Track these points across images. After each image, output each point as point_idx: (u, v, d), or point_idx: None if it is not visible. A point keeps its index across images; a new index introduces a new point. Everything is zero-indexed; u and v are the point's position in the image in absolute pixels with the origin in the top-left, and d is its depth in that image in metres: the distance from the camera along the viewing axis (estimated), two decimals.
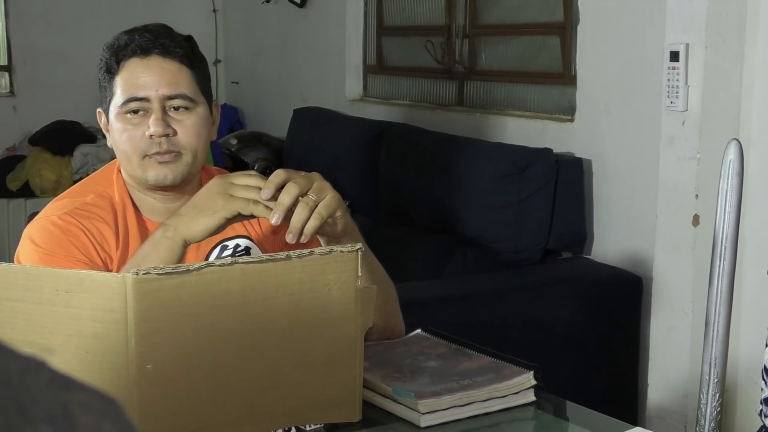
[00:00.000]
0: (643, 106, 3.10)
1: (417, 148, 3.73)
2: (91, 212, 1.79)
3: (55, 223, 1.76)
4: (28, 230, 1.79)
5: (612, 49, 3.25)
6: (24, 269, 1.48)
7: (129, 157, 1.79)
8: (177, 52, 1.79)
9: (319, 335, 1.52)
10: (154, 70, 1.77)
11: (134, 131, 1.77)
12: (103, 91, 1.82)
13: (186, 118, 1.79)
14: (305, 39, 4.96)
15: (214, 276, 1.41)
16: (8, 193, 4.80)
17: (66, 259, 1.72)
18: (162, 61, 1.77)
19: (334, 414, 1.56)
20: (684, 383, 2.93)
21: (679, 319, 2.95)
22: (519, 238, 3.29)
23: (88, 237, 1.76)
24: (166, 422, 1.42)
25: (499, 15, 3.88)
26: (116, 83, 1.78)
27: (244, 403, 1.48)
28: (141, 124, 1.77)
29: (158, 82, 1.76)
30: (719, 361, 1.60)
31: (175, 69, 1.78)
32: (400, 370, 1.70)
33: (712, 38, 2.82)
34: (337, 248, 1.52)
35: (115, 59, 1.78)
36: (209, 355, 1.44)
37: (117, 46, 1.79)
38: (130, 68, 1.77)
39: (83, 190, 1.87)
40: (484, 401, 1.62)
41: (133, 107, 1.77)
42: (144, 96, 1.76)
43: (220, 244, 1.86)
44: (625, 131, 3.21)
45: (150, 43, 1.77)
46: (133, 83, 1.77)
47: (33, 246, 1.75)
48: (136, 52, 1.77)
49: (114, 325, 1.36)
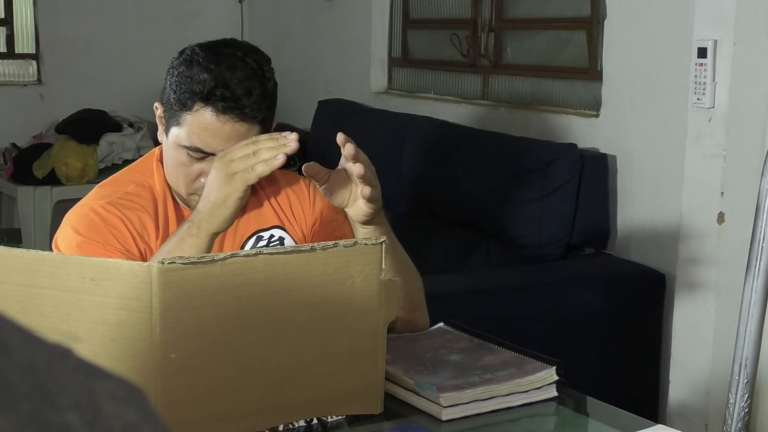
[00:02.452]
0: (670, 103, 3.09)
1: (441, 141, 3.72)
2: (133, 202, 1.81)
3: (97, 211, 1.77)
4: (68, 217, 1.80)
5: (639, 44, 3.24)
6: (51, 257, 1.49)
7: (178, 184, 1.81)
8: (253, 114, 1.74)
9: (342, 327, 1.53)
10: (224, 133, 1.73)
11: (189, 168, 1.77)
12: (170, 105, 1.77)
13: None
14: (330, 31, 4.96)
15: (238, 266, 1.41)
16: (34, 181, 4.83)
17: (103, 247, 1.73)
18: (234, 125, 1.72)
19: (355, 406, 1.57)
20: (706, 381, 2.92)
21: (702, 316, 2.94)
22: (542, 233, 3.28)
23: (128, 227, 1.77)
24: (189, 411, 1.42)
25: (526, 9, 3.87)
26: (185, 120, 1.74)
27: (266, 393, 1.49)
28: (197, 164, 1.76)
29: (225, 143, 1.72)
30: (750, 361, 1.59)
31: (244, 131, 1.73)
32: (423, 363, 1.70)
33: (741, 35, 2.81)
34: (361, 241, 1.53)
35: (191, 98, 1.72)
36: (232, 345, 1.44)
37: (197, 88, 1.72)
38: (203, 119, 1.73)
39: (125, 179, 1.87)
40: (505, 396, 1.62)
41: (196, 155, 1.76)
42: (209, 150, 1.74)
43: (256, 235, 1.87)
44: (650, 127, 3.20)
45: (230, 105, 1.71)
46: (201, 136, 1.74)
47: (73, 233, 1.76)
48: (213, 107, 1.72)
49: (139, 313, 1.37)
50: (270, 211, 1.91)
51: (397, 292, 1.62)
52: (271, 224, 1.89)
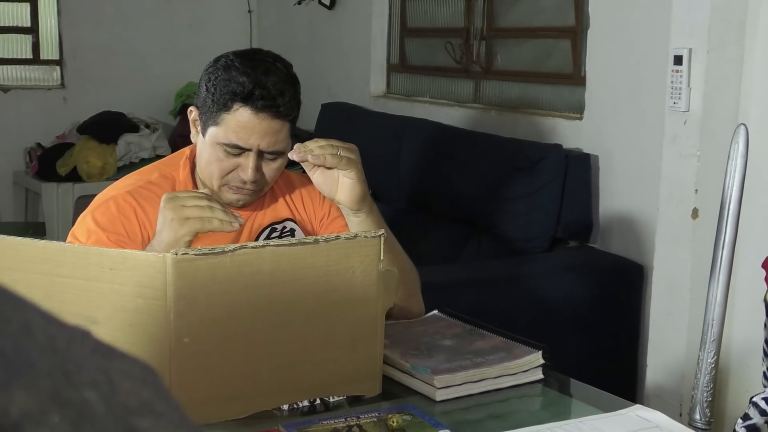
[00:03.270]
0: (648, 106, 3.09)
1: (436, 142, 3.72)
2: (151, 191, 1.85)
3: (117, 201, 1.82)
4: (94, 202, 1.86)
5: (620, 52, 3.23)
6: (73, 248, 1.49)
7: (212, 177, 1.84)
8: (286, 113, 1.80)
9: (343, 314, 1.53)
10: (261, 128, 1.78)
11: (225, 163, 1.81)
12: (207, 108, 1.82)
13: (274, 163, 1.84)
14: (333, 39, 4.96)
15: (247, 257, 1.41)
16: (58, 178, 4.83)
17: (114, 235, 1.78)
18: (270, 122, 1.79)
19: (356, 387, 1.57)
20: (681, 365, 2.92)
21: (678, 305, 2.94)
22: (530, 227, 3.28)
23: (138, 216, 1.81)
24: (201, 392, 1.42)
25: (515, 19, 3.87)
26: (223, 119, 1.79)
27: (273, 375, 1.49)
28: (233, 159, 1.81)
29: (261, 139, 1.79)
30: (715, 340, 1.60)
31: (278, 127, 1.80)
32: (418, 347, 1.70)
33: (714, 43, 2.80)
34: (361, 233, 1.53)
35: (231, 99, 1.78)
36: (242, 331, 1.44)
37: (236, 90, 1.78)
38: (242, 117, 1.78)
39: (151, 170, 1.93)
40: (495, 378, 1.63)
41: (233, 151, 1.80)
42: (246, 146, 1.79)
43: (270, 226, 1.92)
44: (630, 129, 3.20)
45: (267, 104, 1.77)
46: (239, 133, 1.79)
47: (90, 218, 1.81)
48: (252, 105, 1.77)
49: (154, 301, 1.37)
50: (284, 205, 1.96)
51: (394, 282, 1.62)
52: (284, 217, 1.95)
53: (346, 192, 1.80)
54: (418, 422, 1.47)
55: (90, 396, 0.32)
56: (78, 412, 0.31)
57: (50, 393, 0.31)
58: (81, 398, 0.32)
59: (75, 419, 0.31)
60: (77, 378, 0.33)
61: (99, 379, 0.33)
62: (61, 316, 0.38)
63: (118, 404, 0.33)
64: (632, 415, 1.53)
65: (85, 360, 0.34)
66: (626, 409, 1.55)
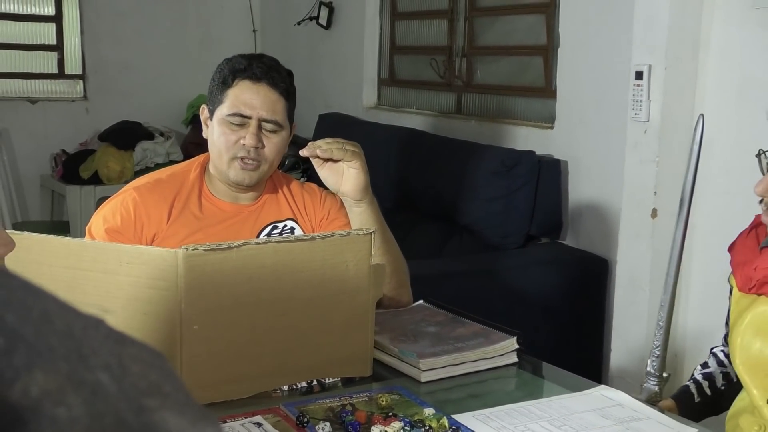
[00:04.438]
0: (612, 117, 3.09)
1: (422, 149, 3.72)
2: (156, 188, 1.88)
3: (123, 198, 1.85)
4: (107, 202, 1.88)
5: (587, 68, 3.24)
6: (93, 244, 1.48)
7: (221, 153, 1.85)
8: (281, 86, 1.86)
9: (337, 304, 1.53)
10: (260, 96, 1.84)
11: (231, 135, 1.84)
12: (213, 96, 1.88)
13: (273, 137, 1.87)
14: (329, 56, 4.95)
15: (251, 252, 1.41)
16: (81, 181, 4.81)
17: (116, 232, 1.81)
18: (268, 90, 1.84)
19: (349, 369, 1.56)
20: (641, 349, 2.93)
21: (638, 295, 2.94)
22: (506, 225, 3.28)
23: (135, 211, 1.83)
24: (209, 374, 1.42)
25: (492, 38, 3.86)
26: (227, 95, 1.84)
27: (274, 359, 1.48)
28: (238, 132, 1.84)
29: (261, 106, 1.83)
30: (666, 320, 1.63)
31: (275, 98, 1.85)
32: (405, 334, 1.70)
33: (671, 61, 2.81)
34: (354, 231, 1.53)
35: (232, 76, 1.84)
36: (246, 319, 1.44)
37: (236, 67, 1.85)
38: (242, 88, 1.84)
39: (164, 171, 1.96)
40: (474, 361, 1.62)
41: (236, 120, 1.83)
42: (248, 114, 1.83)
43: (272, 224, 1.93)
44: (596, 137, 3.20)
45: (263, 74, 1.84)
46: (242, 101, 1.83)
47: (101, 212, 1.86)
48: (250, 77, 1.84)
49: (167, 292, 1.36)
50: (286, 206, 1.97)
51: (383, 275, 1.62)
52: (286, 217, 1.96)
53: (351, 182, 1.82)
54: (405, 401, 1.46)
55: (103, 377, 0.32)
56: (92, 392, 0.31)
57: (67, 374, 0.31)
58: (95, 379, 0.32)
59: (89, 398, 0.31)
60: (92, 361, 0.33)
61: (112, 363, 0.33)
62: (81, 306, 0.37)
63: (128, 385, 0.33)
64: (597, 394, 1.53)
65: (99, 345, 0.34)
66: (592, 389, 1.55)
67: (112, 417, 0.31)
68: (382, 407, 1.43)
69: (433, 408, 1.42)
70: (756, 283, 1.54)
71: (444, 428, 1.34)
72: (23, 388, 0.30)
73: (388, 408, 1.42)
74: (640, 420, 1.42)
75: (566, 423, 1.40)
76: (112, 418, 0.31)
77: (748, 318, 1.55)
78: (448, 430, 1.33)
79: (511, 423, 1.40)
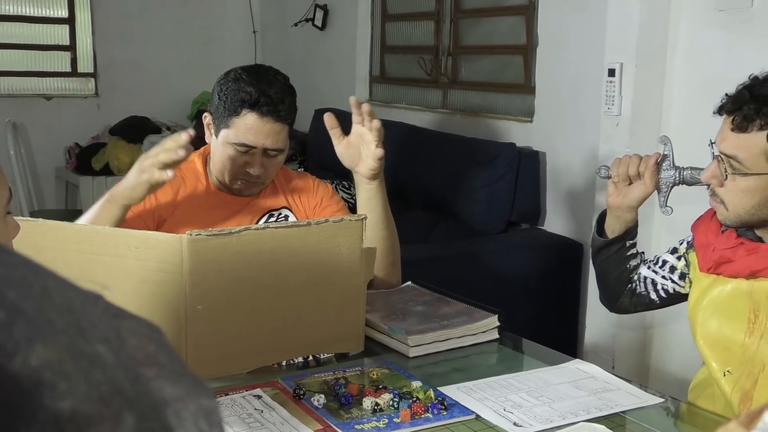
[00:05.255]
0: (587, 111, 3.09)
1: (411, 141, 3.71)
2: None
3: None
4: None
5: (563, 66, 3.23)
6: (103, 230, 1.48)
7: (225, 171, 1.85)
8: (286, 117, 1.83)
9: (331, 285, 1.53)
10: (265, 130, 1.80)
11: (237, 159, 1.83)
12: (220, 114, 1.83)
13: (275, 159, 1.86)
14: (324, 55, 4.93)
15: (250, 237, 1.41)
16: (93, 172, 4.80)
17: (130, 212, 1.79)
18: (273, 125, 1.81)
19: (342, 346, 1.57)
20: (613, 327, 2.94)
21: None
22: (488, 212, 3.28)
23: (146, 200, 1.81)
24: (212, 350, 1.42)
25: (476, 38, 3.86)
26: (233, 123, 1.81)
27: (272, 337, 1.48)
28: (242, 156, 1.83)
29: (266, 139, 1.81)
30: None
31: (279, 129, 1.82)
32: (394, 312, 1.70)
33: (641, 59, 2.81)
34: (346, 217, 1.52)
35: (240, 106, 1.80)
36: (246, 300, 1.44)
37: (244, 98, 1.80)
38: (249, 120, 1.80)
39: None
40: (458, 338, 1.63)
41: (241, 149, 1.82)
42: (253, 145, 1.81)
43: (269, 212, 1.92)
44: (572, 130, 3.20)
45: (270, 110, 1.80)
46: (247, 134, 1.80)
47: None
48: (258, 111, 1.79)
49: (172, 275, 1.36)
50: (281, 196, 1.97)
51: (374, 258, 1.62)
52: (281, 205, 1.96)
53: (368, 167, 1.80)
54: (395, 375, 1.47)
55: (101, 349, 0.32)
56: (90, 362, 0.31)
57: (66, 346, 0.31)
58: (93, 351, 0.32)
59: (87, 368, 0.31)
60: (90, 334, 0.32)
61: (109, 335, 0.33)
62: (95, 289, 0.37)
63: (125, 356, 0.33)
64: (572, 367, 1.54)
65: (98, 319, 0.34)
66: (567, 363, 1.56)
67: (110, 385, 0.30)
68: (373, 380, 1.43)
69: (420, 381, 1.42)
70: (713, 264, 1.55)
71: (430, 399, 1.34)
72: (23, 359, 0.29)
73: (379, 381, 1.43)
74: (611, 391, 1.43)
75: (543, 394, 1.41)
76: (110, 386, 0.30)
77: (707, 299, 1.56)
78: (434, 401, 1.33)
79: (492, 394, 1.40)
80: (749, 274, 1.49)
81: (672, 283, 1.72)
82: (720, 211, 1.51)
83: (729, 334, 1.51)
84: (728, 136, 1.47)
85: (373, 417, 1.29)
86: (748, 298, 1.50)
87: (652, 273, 1.75)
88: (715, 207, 1.53)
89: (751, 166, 1.44)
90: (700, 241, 1.62)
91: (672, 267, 1.72)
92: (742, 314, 1.50)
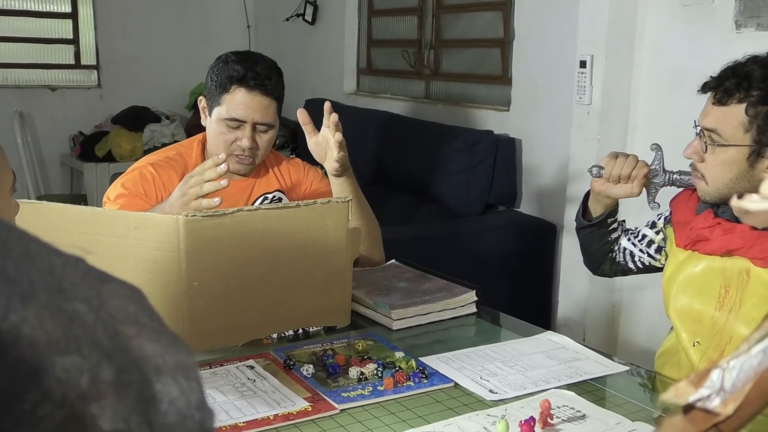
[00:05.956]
0: (560, 101, 3.09)
1: (395, 130, 3.71)
2: (168, 164, 1.87)
3: (141, 171, 1.84)
4: (125, 173, 1.87)
5: (538, 58, 3.23)
6: (105, 212, 1.47)
7: (219, 149, 1.84)
8: (273, 91, 1.82)
9: (319, 263, 1.52)
10: (254, 104, 1.80)
11: (228, 135, 1.83)
12: (212, 94, 1.83)
13: (265, 135, 1.86)
14: (314, 48, 4.91)
15: (243, 218, 1.40)
16: (96, 158, 4.76)
17: (136, 196, 1.80)
18: (261, 98, 1.80)
19: (330, 320, 1.57)
20: (585, 302, 2.95)
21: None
22: (467, 195, 3.28)
23: (155, 182, 1.83)
24: (208, 324, 1.42)
25: (457, 32, 3.84)
26: (224, 99, 1.81)
27: (264, 311, 1.48)
28: (234, 132, 1.82)
29: (255, 112, 1.81)
30: None
31: (268, 103, 1.82)
32: (379, 288, 1.70)
33: (611, 51, 2.81)
34: (333, 200, 1.52)
35: (229, 82, 1.80)
36: (239, 276, 1.44)
37: (233, 74, 1.79)
38: (238, 95, 1.80)
39: (171, 149, 1.94)
40: (439, 312, 1.63)
41: (233, 123, 1.81)
42: (243, 119, 1.81)
43: (263, 195, 1.93)
44: (546, 119, 3.20)
45: (257, 83, 1.79)
46: (237, 108, 1.80)
47: (120, 183, 1.84)
48: (245, 85, 1.79)
49: (170, 253, 1.36)
50: (274, 179, 1.97)
51: (359, 237, 1.62)
52: (274, 188, 1.96)
53: (332, 167, 1.79)
54: (379, 346, 1.47)
55: (81, 307, 0.31)
56: (69, 319, 0.30)
57: (45, 304, 0.30)
58: (73, 309, 0.31)
59: (66, 324, 0.30)
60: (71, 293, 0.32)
61: (90, 295, 0.32)
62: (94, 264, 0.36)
63: (105, 315, 0.32)
64: (545, 338, 1.54)
65: (79, 280, 0.33)
66: (540, 334, 1.56)
67: (88, 340, 0.30)
68: (359, 351, 1.43)
69: (403, 352, 1.43)
70: (690, 241, 1.56)
71: (412, 369, 1.35)
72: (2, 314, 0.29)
73: (364, 352, 1.43)
74: (580, 360, 1.44)
75: (518, 363, 1.42)
76: (88, 341, 0.30)
77: (682, 274, 1.57)
78: (415, 371, 1.33)
79: (470, 364, 1.41)
80: (725, 253, 1.50)
81: (648, 257, 1.74)
82: (701, 187, 1.51)
83: (700, 308, 1.52)
84: (710, 111, 1.46)
85: (359, 385, 1.29)
86: (721, 274, 1.50)
87: (631, 245, 1.78)
88: (696, 183, 1.52)
89: (729, 138, 1.43)
90: (678, 218, 1.62)
91: (650, 241, 1.74)
92: (714, 289, 1.51)
